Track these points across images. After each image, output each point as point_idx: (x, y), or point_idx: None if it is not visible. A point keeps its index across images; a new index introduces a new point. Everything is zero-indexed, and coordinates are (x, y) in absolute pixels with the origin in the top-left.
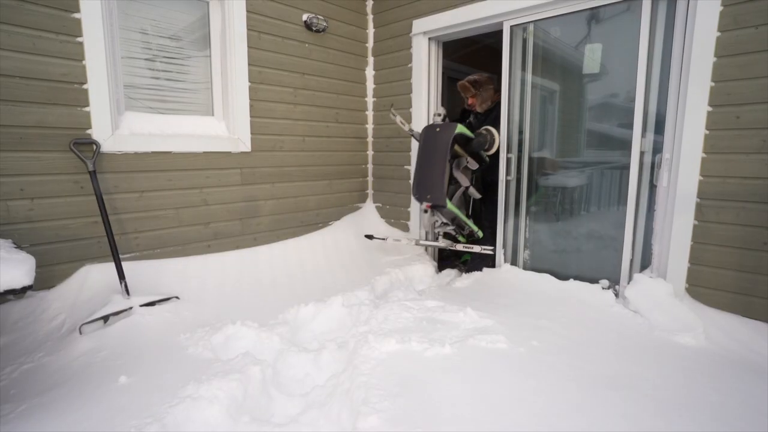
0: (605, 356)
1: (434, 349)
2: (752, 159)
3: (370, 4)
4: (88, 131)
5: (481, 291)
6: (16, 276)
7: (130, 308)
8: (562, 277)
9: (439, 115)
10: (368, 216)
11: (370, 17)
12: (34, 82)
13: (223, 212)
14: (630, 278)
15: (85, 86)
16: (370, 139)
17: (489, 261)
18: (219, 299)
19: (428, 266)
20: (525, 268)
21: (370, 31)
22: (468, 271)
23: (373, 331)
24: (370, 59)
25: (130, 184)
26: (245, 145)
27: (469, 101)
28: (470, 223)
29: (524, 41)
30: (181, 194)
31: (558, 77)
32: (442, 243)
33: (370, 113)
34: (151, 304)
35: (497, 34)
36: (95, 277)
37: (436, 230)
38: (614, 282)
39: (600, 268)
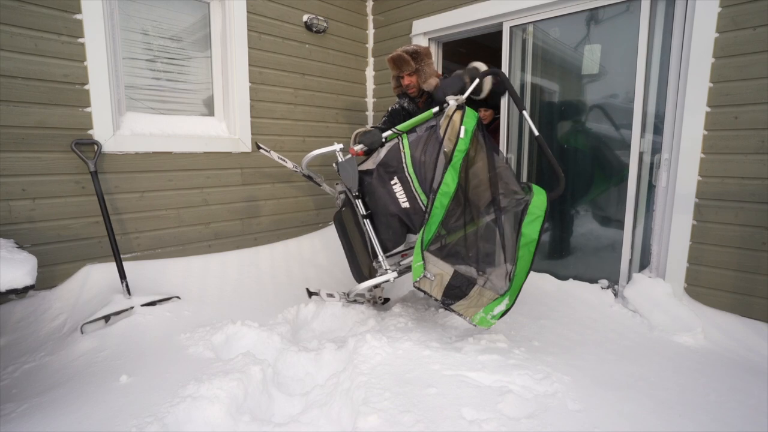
0: (604, 356)
1: (433, 348)
2: (751, 159)
3: (370, 4)
4: (90, 132)
5: None
6: (17, 276)
7: (131, 308)
8: (561, 277)
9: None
10: None
11: (370, 18)
12: (35, 83)
13: (223, 212)
14: (629, 278)
15: (86, 87)
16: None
17: None
18: (219, 299)
19: None
20: None
21: (370, 31)
22: None
23: (372, 330)
24: (370, 60)
25: (131, 185)
26: (246, 146)
27: (406, 80)
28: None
29: (524, 42)
30: (182, 194)
31: (557, 78)
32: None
33: (370, 114)
34: (152, 303)
35: (497, 35)
36: (96, 277)
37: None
38: (613, 282)
39: (599, 268)
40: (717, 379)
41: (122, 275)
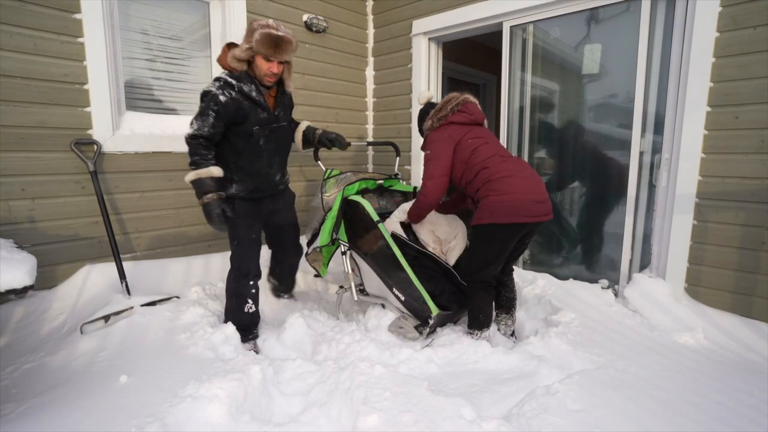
0: (605, 356)
1: (433, 346)
2: (751, 159)
3: (370, 4)
4: (89, 131)
5: None
6: (17, 276)
7: (131, 308)
8: (561, 276)
9: None
10: None
11: (370, 18)
12: (35, 83)
13: None
14: (629, 278)
15: (86, 87)
16: (370, 139)
17: None
18: (220, 299)
19: None
20: (524, 267)
21: (370, 31)
22: None
23: (373, 329)
24: (370, 60)
25: (131, 184)
26: None
27: (277, 68)
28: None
29: (524, 41)
30: (182, 194)
31: (557, 77)
32: None
33: (370, 113)
34: (152, 303)
35: (496, 35)
36: (96, 277)
37: None
38: (614, 282)
39: (599, 268)
40: (717, 379)
41: (122, 275)
